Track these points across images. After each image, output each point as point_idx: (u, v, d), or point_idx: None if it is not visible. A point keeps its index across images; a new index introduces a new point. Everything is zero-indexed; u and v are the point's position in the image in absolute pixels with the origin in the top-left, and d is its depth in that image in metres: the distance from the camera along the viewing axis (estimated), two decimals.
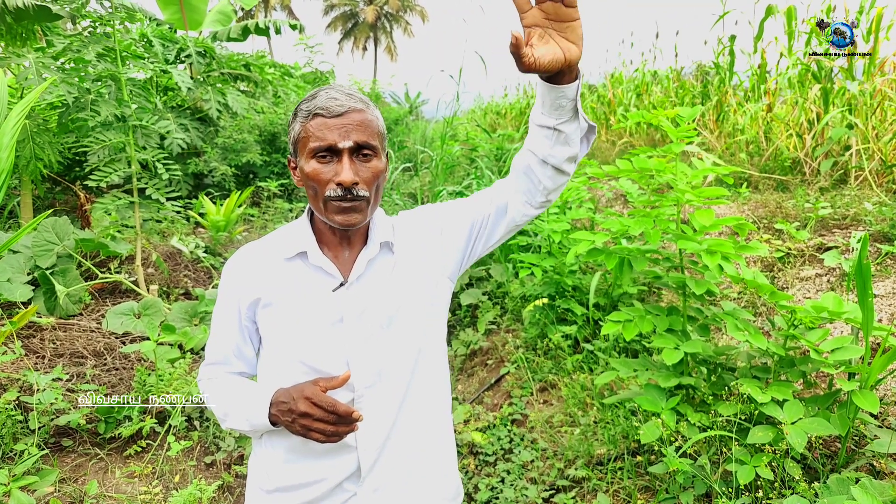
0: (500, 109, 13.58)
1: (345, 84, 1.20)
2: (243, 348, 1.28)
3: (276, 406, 1.13)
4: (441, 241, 1.30)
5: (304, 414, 1.07)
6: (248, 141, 6.96)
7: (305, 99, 1.17)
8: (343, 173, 1.11)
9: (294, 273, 1.21)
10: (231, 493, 2.64)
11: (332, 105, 1.12)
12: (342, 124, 1.12)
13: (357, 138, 1.13)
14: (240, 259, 1.26)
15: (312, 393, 1.08)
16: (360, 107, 1.15)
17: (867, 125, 4.87)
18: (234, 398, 1.22)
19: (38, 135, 4.33)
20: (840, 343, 2.01)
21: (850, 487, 1.60)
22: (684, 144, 2.36)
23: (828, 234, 3.85)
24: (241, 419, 1.19)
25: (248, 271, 1.23)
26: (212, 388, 1.27)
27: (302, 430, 1.09)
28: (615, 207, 5.69)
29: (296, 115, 1.17)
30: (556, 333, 3.48)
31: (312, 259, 1.20)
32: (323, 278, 1.21)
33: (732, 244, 2.16)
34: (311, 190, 1.16)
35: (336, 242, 1.24)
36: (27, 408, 2.79)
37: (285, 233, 1.27)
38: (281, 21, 7.64)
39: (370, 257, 1.23)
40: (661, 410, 2.16)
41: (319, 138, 1.12)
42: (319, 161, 1.13)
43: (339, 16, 47.79)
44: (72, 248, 4.03)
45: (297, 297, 1.19)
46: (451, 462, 1.36)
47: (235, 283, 1.25)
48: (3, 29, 4.15)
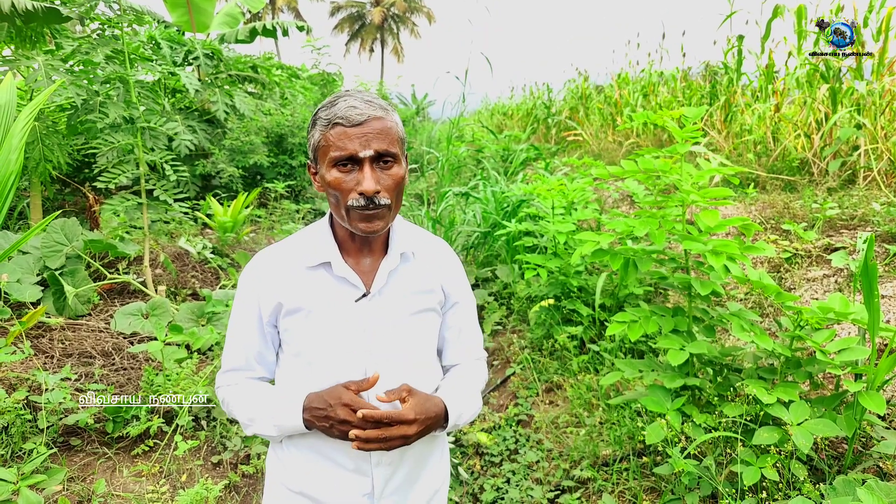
0: (507, 110, 13.58)
1: (363, 90, 1.20)
2: (265, 353, 1.28)
3: (309, 411, 1.15)
4: (446, 302, 1.35)
5: (343, 421, 1.11)
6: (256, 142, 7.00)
7: (324, 105, 1.16)
8: (365, 183, 1.11)
9: (317, 282, 1.22)
10: (237, 492, 2.65)
11: (351, 114, 1.11)
12: (362, 133, 1.12)
13: (377, 147, 1.13)
14: (260, 264, 1.26)
15: (351, 399, 1.11)
16: (379, 114, 1.14)
17: (876, 125, 4.84)
18: (261, 404, 1.22)
19: (47, 137, 4.37)
20: (846, 344, 2.00)
21: (856, 489, 1.59)
22: (689, 145, 2.35)
23: (835, 235, 3.83)
24: (269, 425, 1.20)
25: (270, 277, 1.23)
26: (234, 394, 1.27)
27: (340, 434, 1.13)
28: (621, 208, 5.68)
29: (315, 123, 1.16)
30: (561, 334, 3.48)
31: (337, 270, 1.21)
32: (346, 289, 1.22)
33: (738, 245, 2.15)
34: (333, 198, 1.16)
35: (357, 250, 1.25)
36: (36, 407, 2.82)
37: (306, 239, 1.27)
38: (288, 23, 7.66)
39: (391, 268, 1.24)
40: (666, 411, 2.16)
41: (340, 148, 1.12)
42: (341, 170, 1.13)
43: (346, 17, 47.92)
44: (80, 248, 4.06)
45: (321, 306, 1.21)
46: (447, 466, 1.42)
47: (257, 288, 1.24)
48: (13, 31, 4.19)
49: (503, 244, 4.80)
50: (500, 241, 4.80)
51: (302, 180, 7.62)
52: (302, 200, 7.41)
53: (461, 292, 1.38)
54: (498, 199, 5.06)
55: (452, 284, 1.35)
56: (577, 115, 9.92)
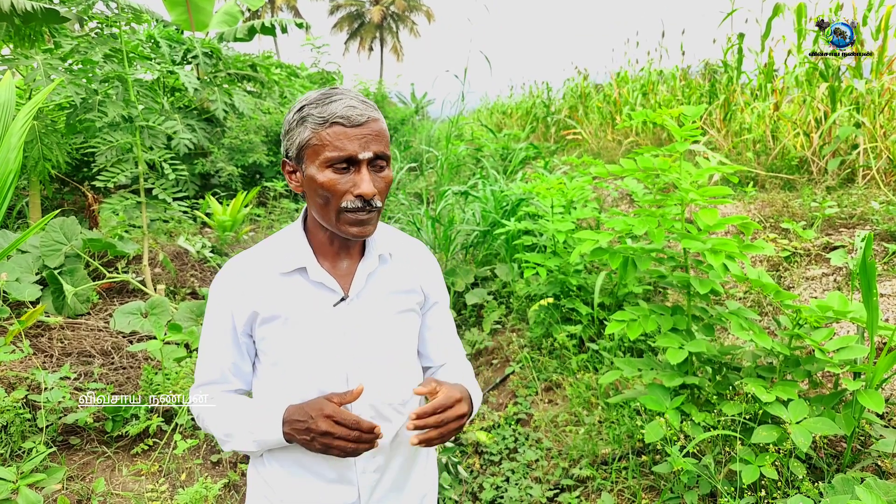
0: (506, 109, 13.57)
1: (350, 88, 1.16)
2: (240, 364, 1.23)
3: (290, 424, 1.11)
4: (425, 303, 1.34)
5: (325, 433, 1.07)
6: (255, 141, 7.00)
7: (313, 102, 1.10)
8: (363, 185, 1.08)
9: (293, 288, 1.18)
10: (237, 491, 2.65)
11: (352, 114, 1.08)
12: (362, 134, 1.08)
13: (376, 149, 1.10)
14: (231, 274, 1.21)
15: (333, 411, 1.07)
16: (376, 116, 1.12)
17: (875, 124, 4.84)
18: (238, 418, 1.18)
19: (46, 136, 4.37)
20: (845, 342, 2.00)
21: (854, 487, 1.59)
22: (688, 143, 2.35)
23: (834, 234, 3.83)
24: (248, 440, 1.16)
25: (242, 286, 1.18)
26: (209, 409, 1.22)
27: (322, 447, 1.08)
28: (620, 207, 5.68)
29: (303, 120, 1.10)
30: (560, 333, 3.48)
31: (313, 275, 1.18)
32: (323, 293, 1.19)
33: (737, 243, 2.16)
34: (322, 199, 1.11)
35: (334, 253, 1.21)
36: (35, 406, 2.82)
37: (278, 245, 1.22)
38: (287, 21, 7.65)
39: (369, 271, 1.22)
40: (665, 410, 2.16)
41: (338, 148, 1.07)
42: (336, 171, 1.09)
43: (345, 16, 47.87)
44: (79, 247, 4.06)
45: (298, 313, 1.17)
46: (434, 470, 1.42)
47: (229, 299, 1.19)
48: (12, 31, 4.19)
49: (502, 243, 4.80)
50: (500, 240, 4.80)
51: None
52: (301, 199, 7.41)
53: (440, 293, 1.36)
54: (497, 197, 5.06)
55: (431, 285, 1.33)
56: (577, 114, 9.92)
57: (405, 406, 1.25)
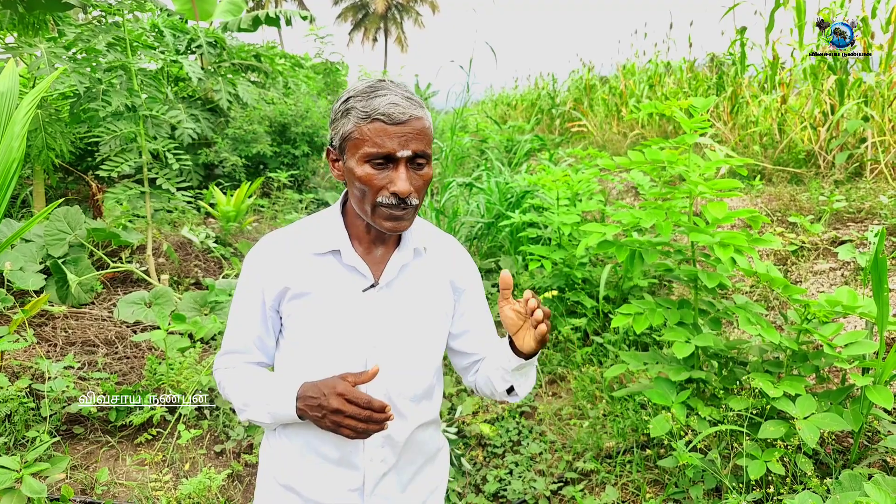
0: (511, 100, 13.52)
1: (399, 83, 1.14)
2: (265, 338, 1.26)
3: (303, 400, 1.11)
4: (455, 295, 1.33)
5: (336, 410, 1.06)
6: (259, 132, 6.97)
7: (359, 95, 1.10)
8: (399, 183, 1.08)
9: (325, 269, 1.20)
10: (240, 481, 2.66)
11: (394, 112, 1.07)
12: (402, 133, 1.08)
13: (415, 148, 1.09)
14: (266, 248, 1.23)
15: (345, 389, 1.06)
16: (419, 114, 1.11)
17: (883, 117, 4.80)
18: (256, 389, 1.20)
19: (49, 124, 4.35)
20: (854, 338, 1.98)
21: (862, 483, 1.58)
22: (697, 136, 2.33)
23: (842, 228, 3.80)
24: (263, 411, 1.17)
25: (276, 261, 1.21)
26: (230, 377, 1.25)
27: (332, 425, 1.08)
28: (626, 200, 5.65)
29: (348, 112, 1.10)
30: (565, 326, 3.47)
31: (346, 259, 1.19)
32: (354, 277, 1.20)
33: (745, 237, 2.13)
34: (359, 192, 1.12)
35: (369, 241, 1.23)
36: (39, 395, 2.82)
37: (314, 226, 1.24)
38: (291, 12, 7.60)
39: (403, 262, 1.22)
40: (671, 404, 2.15)
41: (377, 145, 1.07)
42: (373, 166, 1.09)
43: (350, 6, 47.66)
44: (83, 237, 4.06)
45: (327, 294, 1.18)
46: (446, 464, 1.41)
47: (262, 272, 1.21)
48: (16, 19, 4.16)
49: (507, 235, 4.78)
50: (504, 232, 4.78)
51: (305, 170, 7.59)
52: (305, 190, 7.39)
53: (470, 282, 1.35)
54: (502, 189, 5.04)
55: (463, 279, 1.33)
56: (582, 106, 9.87)
57: (419, 404, 1.25)
